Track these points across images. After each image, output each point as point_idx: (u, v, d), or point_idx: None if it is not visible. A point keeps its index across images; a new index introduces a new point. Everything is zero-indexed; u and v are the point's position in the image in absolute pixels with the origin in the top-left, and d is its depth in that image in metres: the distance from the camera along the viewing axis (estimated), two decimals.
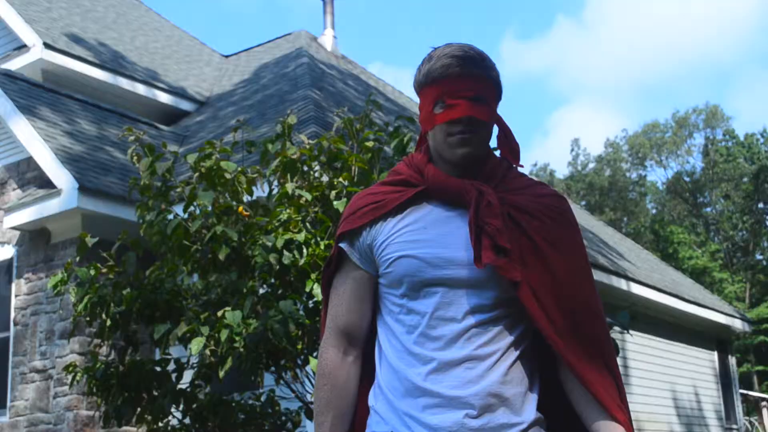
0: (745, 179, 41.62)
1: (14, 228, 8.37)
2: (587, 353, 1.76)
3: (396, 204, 1.84)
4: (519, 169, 1.95)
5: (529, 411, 1.76)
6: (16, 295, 8.43)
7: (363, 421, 1.88)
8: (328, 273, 1.94)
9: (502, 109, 1.91)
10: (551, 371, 1.84)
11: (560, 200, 1.88)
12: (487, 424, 1.71)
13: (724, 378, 15.22)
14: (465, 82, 1.79)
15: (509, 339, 1.77)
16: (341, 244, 1.89)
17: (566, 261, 1.80)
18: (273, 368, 4.74)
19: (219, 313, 4.47)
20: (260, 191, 5.29)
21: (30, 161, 8.53)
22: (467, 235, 1.76)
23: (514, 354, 1.77)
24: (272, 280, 4.69)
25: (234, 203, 4.93)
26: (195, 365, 5.11)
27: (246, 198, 5.12)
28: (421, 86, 1.86)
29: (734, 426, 15.28)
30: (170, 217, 4.96)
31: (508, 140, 1.94)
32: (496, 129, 1.92)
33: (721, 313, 14.66)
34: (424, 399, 1.73)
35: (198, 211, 4.96)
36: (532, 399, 1.78)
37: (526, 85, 78.54)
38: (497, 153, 2.01)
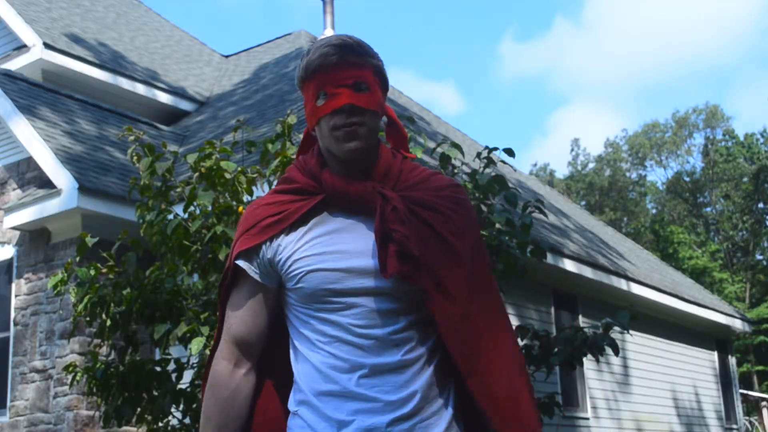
0: (745, 179, 41.62)
1: (14, 228, 8.38)
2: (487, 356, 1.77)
3: (297, 216, 1.78)
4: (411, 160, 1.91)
5: (448, 413, 1.78)
6: (16, 295, 8.44)
7: (268, 427, 1.87)
8: (224, 287, 1.88)
9: (501, 110, 1.90)
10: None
11: (458, 189, 1.85)
12: (418, 425, 1.72)
13: (724, 378, 15.22)
14: (345, 71, 1.74)
15: (430, 342, 1.77)
16: (238, 262, 1.82)
17: (473, 251, 1.80)
18: None
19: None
20: (260, 191, 5.28)
21: (30, 161, 8.54)
22: (374, 242, 1.73)
23: (435, 356, 1.78)
24: None
25: (234, 203, 4.93)
26: (195, 365, 5.11)
27: (246, 198, 5.11)
28: (302, 81, 1.80)
29: (734, 426, 15.28)
30: (170, 217, 4.96)
31: (396, 129, 1.89)
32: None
33: (721, 313, 14.67)
34: (357, 403, 1.71)
35: (198, 211, 4.96)
36: (450, 400, 1.79)
37: (526, 86, 78.59)
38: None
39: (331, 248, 1.75)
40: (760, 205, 41.11)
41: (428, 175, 1.85)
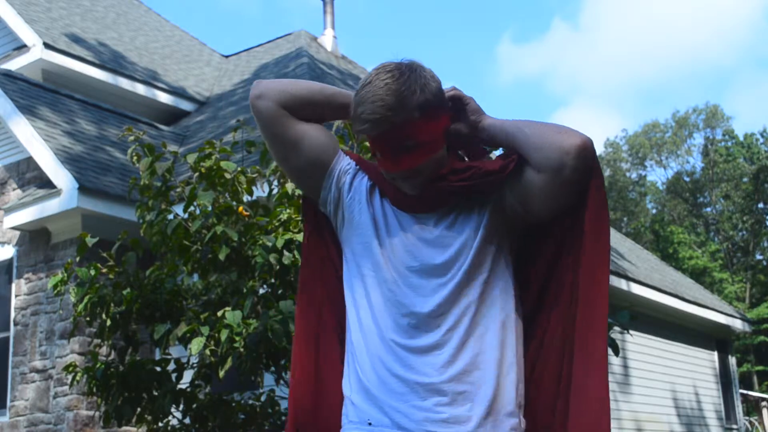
0: (745, 179, 41.61)
1: (14, 228, 8.37)
2: None
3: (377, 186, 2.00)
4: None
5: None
6: (16, 295, 8.44)
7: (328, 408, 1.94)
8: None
9: (501, 112, 1.92)
10: None
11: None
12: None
13: (724, 378, 15.21)
14: (385, 140, 1.80)
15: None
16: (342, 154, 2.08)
17: None
18: (273, 368, 4.74)
19: (219, 313, 4.47)
20: (260, 191, 5.29)
21: (30, 161, 8.53)
22: (421, 234, 1.88)
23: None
24: (272, 280, 4.69)
25: (234, 203, 4.93)
26: (195, 365, 5.11)
27: (246, 198, 5.11)
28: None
29: (734, 426, 15.27)
30: (170, 217, 4.96)
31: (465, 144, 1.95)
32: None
33: (721, 313, 14.66)
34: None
35: (198, 211, 4.96)
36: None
37: (524, 88, 78.60)
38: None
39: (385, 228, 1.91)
40: (760, 205, 41.11)
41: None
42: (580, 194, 1.80)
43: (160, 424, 5.03)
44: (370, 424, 1.79)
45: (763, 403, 19.34)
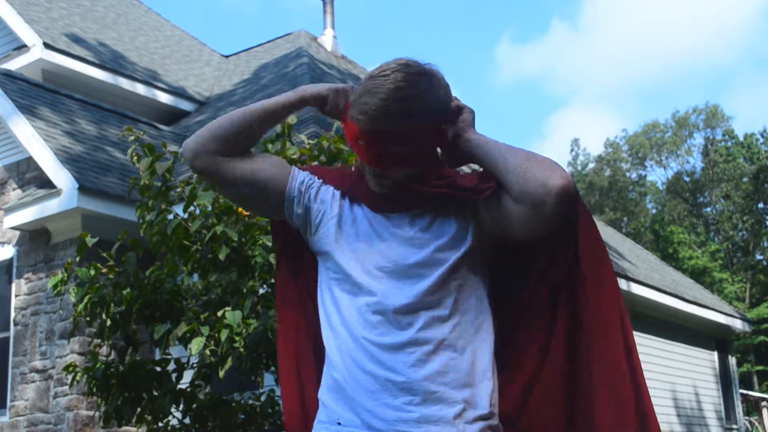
0: (745, 179, 41.61)
1: (14, 228, 8.37)
2: None
3: (348, 194, 2.00)
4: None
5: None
6: (16, 295, 8.44)
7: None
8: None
9: (500, 113, 1.91)
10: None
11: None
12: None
13: (724, 378, 15.21)
14: (374, 136, 1.77)
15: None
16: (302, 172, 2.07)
17: None
18: (273, 368, 4.74)
19: (219, 313, 4.47)
20: None
21: (30, 161, 8.53)
22: (397, 234, 1.87)
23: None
24: (272, 280, 4.69)
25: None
26: (195, 365, 5.11)
27: None
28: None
29: (734, 426, 15.27)
30: (170, 217, 4.96)
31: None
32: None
33: (721, 313, 14.67)
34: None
35: (198, 211, 4.96)
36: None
37: (523, 88, 78.60)
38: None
39: (358, 234, 1.89)
40: (760, 205, 41.10)
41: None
42: (565, 223, 1.79)
43: (160, 424, 5.04)
44: (339, 423, 1.78)
45: (763, 403, 19.35)
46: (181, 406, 5.02)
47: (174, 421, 5.35)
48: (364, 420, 1.75)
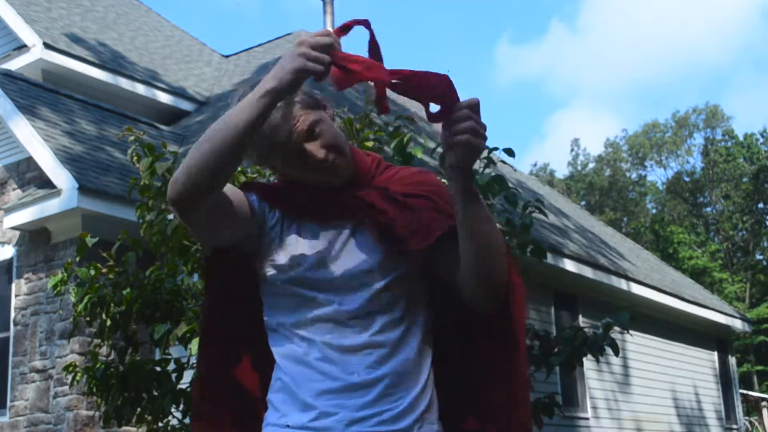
0: (745, 179, 41.62)
1: (14, 228, 8.37)
2: None
3: (292, 211, 1.94)
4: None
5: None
6: (16, 295, 8.44)
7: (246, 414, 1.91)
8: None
9: (500, 114, 1.91)
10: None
11: (426, 174, 1.92)
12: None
13: (724, 378, 15.21)
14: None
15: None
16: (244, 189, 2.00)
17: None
18: None
19: None
20: None
21: (30, 161, 8.53)
22: (349, 241, 1.82)
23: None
24: None
25: None
26: (195, 365, 5.11)
27: None
28: None
29: (734, 426, 15.27)
30: (170, 217, 4.96)
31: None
32: None
33: (721, 313, 14.66)
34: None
35: None
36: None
37: (523, 89, 78.60)
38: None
39: (309, 245, 1.83)
40: (760, 205, 41.10)
41: (398, 168, 1.95)
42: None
43: (160, 424, 5.03)
44: (288, 426, 1.76)
45: (763, 403, 19.35)
46: (181, 406, 5.01)
47: (174, 421, 5.35)
48: (316, 420, 1.73)
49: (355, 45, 1.79)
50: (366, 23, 1.67)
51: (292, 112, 1.82)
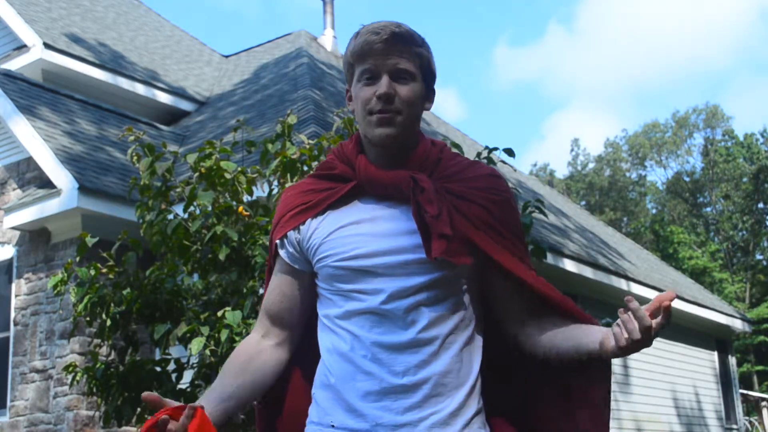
0: (745, 179, 41.62)
1: (14, 228, 8.37)
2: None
3: (327, 204, 1.81)
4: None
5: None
6: (16, 295, 8.43)
7: (296, 408, 1.88)
8: (269, 264, 1.93)
9: (499, 115, 1.89)
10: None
11: (496, 180, 1.83)
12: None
13: (724, 378, 15.22)
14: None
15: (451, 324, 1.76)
16: (276, 241, 1.88)
17: (512, 240, 1.79)
18: None
19: (219, 313, 4.47)
20: (260, 191, 5.29)
21: (30, 161, 8.53)
22: (397, 226, 1.74)
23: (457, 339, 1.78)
24: None
25: (234, 203, 4.93)
26: (195, 365, 5.11)
27: (246, 198, 5.11)
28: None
29: (734, 426, 15.27)
30: (170, 217, 4.96)
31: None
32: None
33: (721, 313, 14.67)
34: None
35: (198, 211, 4.96)
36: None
37: (522, 90, 78.63)
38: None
39: (356, 234, 1.75)
40: (760, 205, 41.11)
41: (467, 164, 1.84)
42: None
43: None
44: (333, 426, 1.72)
45: (763, 403, 19.34)
46: None
47: None
48: (360, 423, 1.70)
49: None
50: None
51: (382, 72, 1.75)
